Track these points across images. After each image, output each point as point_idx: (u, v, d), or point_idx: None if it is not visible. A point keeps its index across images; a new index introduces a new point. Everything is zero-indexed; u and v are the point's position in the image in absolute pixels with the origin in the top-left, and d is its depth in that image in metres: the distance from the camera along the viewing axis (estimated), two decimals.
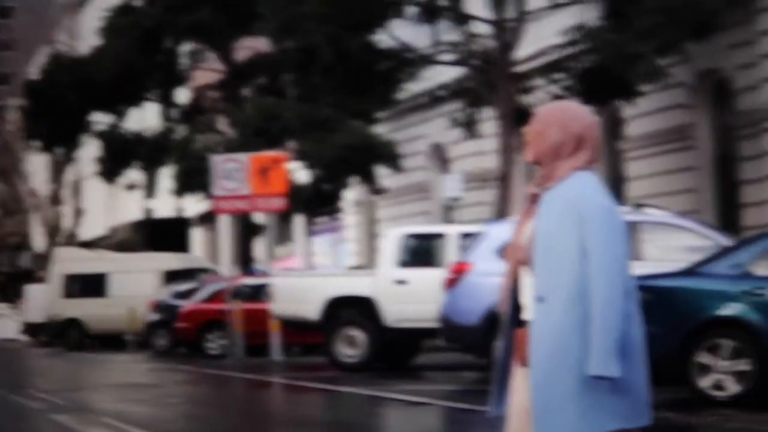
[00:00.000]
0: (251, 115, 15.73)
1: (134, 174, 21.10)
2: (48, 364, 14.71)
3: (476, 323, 7.82)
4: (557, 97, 10.78)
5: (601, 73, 11.48)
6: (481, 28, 12.60)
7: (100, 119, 20.08)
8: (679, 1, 10.62)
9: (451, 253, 9.53)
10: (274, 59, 15.73)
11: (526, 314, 2.51)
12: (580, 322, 2.40)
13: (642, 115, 12.85)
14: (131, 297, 16.52)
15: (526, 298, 2.53)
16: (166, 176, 19.42)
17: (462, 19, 12.70)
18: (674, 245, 7.73)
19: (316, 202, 16.74)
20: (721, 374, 6.20)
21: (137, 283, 17.00)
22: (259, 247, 18.55)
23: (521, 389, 2.51)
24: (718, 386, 6.18)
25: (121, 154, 19.27)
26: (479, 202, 14.83)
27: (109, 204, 27.81)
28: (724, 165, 12.24)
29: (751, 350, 6.17)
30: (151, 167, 20.23)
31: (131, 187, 21.75)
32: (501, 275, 2.64)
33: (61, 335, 18.15)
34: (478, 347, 7.90)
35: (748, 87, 11.43)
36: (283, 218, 17.25)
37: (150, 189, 23.28)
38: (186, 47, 19.38)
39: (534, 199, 2.53)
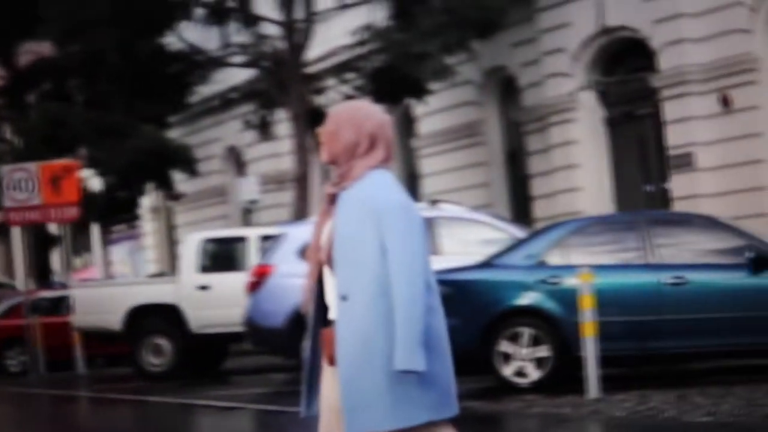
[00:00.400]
0: (37, 122, 15.08)
1: None
2: None
3: (282, 325, 7.82)
4: (349, 97, 10.91)
5: (391, 73, 11.69)
6: (270, 30, 12.54)
7: None
8: (463, 0, 10.95)
9: (251, 256, 9.53)
10: (59, 64, 15.09)
11: (332, 313, 2.53)
12: (384, 318, 2.43)
13: (433, 112, 13.15)
14: None
15: (330, 298, 2.55)
16: None
17: (251, 20, 12.60)
18: (470, 239, 8.00)
19: (112, 210, 16.33)
20: (522, 362, 6.45)
21: None
22: (56, 258, 18.03)
23: (331, 388, 2.52)
24: (520, 373, 6.43)
25: None
26: (277, 204, 14.80)
27: None
28: (513, 159, 12.71)
29: (549, 337, 6.45)
30: None
31: None
32: (304, 276, 2.65)
33: None
34: (285, 349, 7.91)
35: (533, 83, 11.91)
36: (79, 228, 16.66)
37: None
38: None
39: (331, 199, 2.54)
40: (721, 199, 9.77)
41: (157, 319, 9.86)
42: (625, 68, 11.16)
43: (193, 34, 13.36)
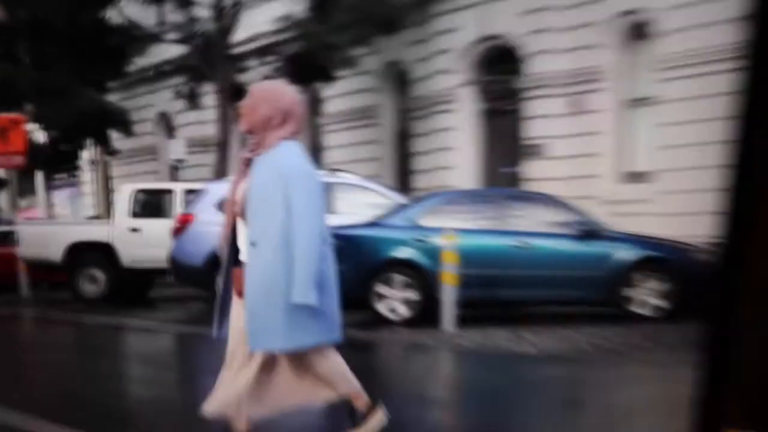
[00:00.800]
0: None
1: None
2: None
3: (200, 264, 7.76)
4: (268, 77, 10.74)
5: (305, 59, 11.54)
6: (202, 12, 12.21)
7: None
8: (372, 1, 10.88)
9: (177, 206, 9.41)
10: (8, 27, 14.23)
11: (242, 256, 2.55)
12: (286, 262, 2.49)
13: (338, 95, 13.05)
14: None
15: (242, 244, 2.58)
16: None
17: (185, 2, 12.23)
18: (362, 202, 8.03)
19: (55, 161, 15.75)
20: (394, 301, 6.57)
21: None
22: (3, 199, 17.45)
23: (238, 315, 2.57)
24: (392, 310, 6.55)
25: None
26: (201, 164, 14.51)
27: None
28: (402, 139, 12.74)
29: (417, 284, 6.57)
30: None
31: None
32: (220, 225, 2.67)
33: None
34: (202, 283, 7.85)
35: (423, 77, 11.89)
36: (24, 174, 15.99)
37: None
38: None
39: (247, 163, 2.58)
40: (563, 182, 10.03)
41: (93, 254, 9.65)
42: (499, 70, 11.28)
43: (132, 10, 12.88)
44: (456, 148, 11.30)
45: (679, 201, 9.07)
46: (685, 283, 6.49)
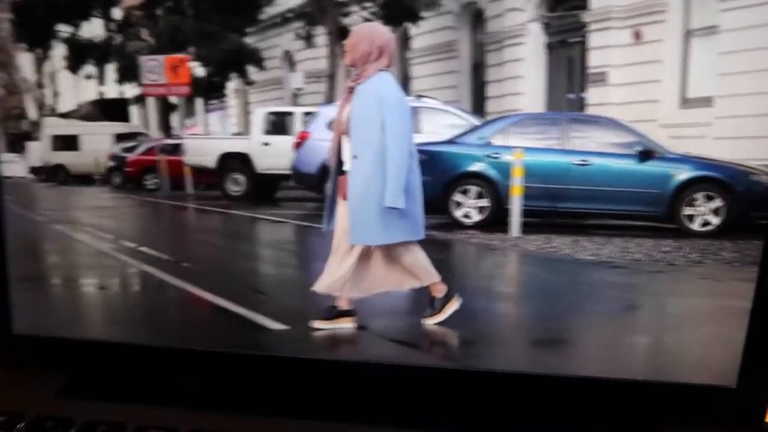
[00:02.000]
0: (163, 28, 16.16)
1: (90, 68, 21.84)
2: (46, 193, 15.18)
3: (314, 172, 8.19)
4: (366, 20, 10.79)
5: (396, 3, 11.60)
6: None
7: (63, 29, 20.03)
8: None
9: (297, 125, 10.05)
10: None
11: (346, 167, 2.69)
12: (381, 172, 2.60)
13: (423, 33, 12.88)
14: (95, 150, 17.88)
15: (346, 156, 2.70)
16: (111, 70, 19.78)
17: None
18: (442, 123, 8.05)
19: (210, 90, 17.70)
20: (469, 209, 6.66)
21: (98, 141, 18.39)
22: (175, 119, 19.32)
23: (342, 214, 2.73)
24: (467, 216, 6.65)
25: (79, 54, 19.86)
26: (315, 92, 15.09)
27: (75, 88, 27.89)
28: (477, 70, 12.55)
29: (488, 193, 6.63)
30: (100, 63, 21.05)
31: (89, 77, 22.60)
32: (329, 141, 2.80)
33: (54, 175, 19.65)
34: (316, 187, 8.29)
35: (495, 15, 11.62)
36: (189, 101, 17.94)
37: (101, 78, 23.80)
38: None
39: (350, 90, 2.68)
40: (625, 107, 9.76)
41: (236, 161, 10.60)
42: (565, 6, 10.86)
43: None
44: (525, 76, 11.09)
45: (738, 126, 8.65)
46: (742, 203, 6.25)
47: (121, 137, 20.06)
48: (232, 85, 19.78)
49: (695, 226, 6.41)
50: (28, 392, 1.36)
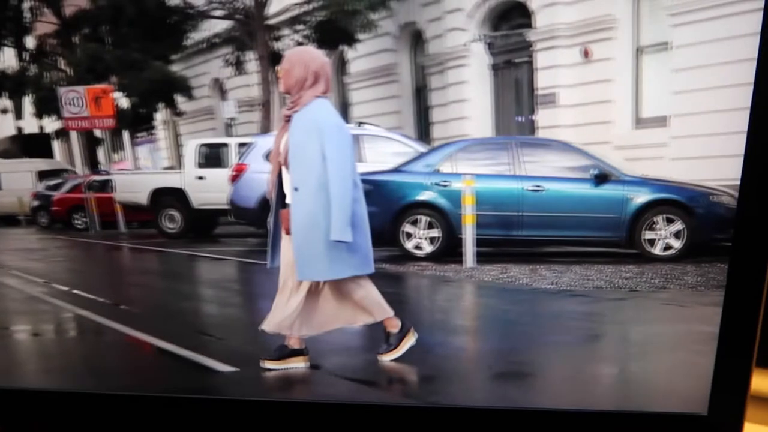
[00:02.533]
0: (81, 57, 16.26)
1: (5, 101, 21.60)
2: None
3: (254, 206, 8.30)
4: (299, 43, 10.90)
5: (330, 25, 11.64)
6: None
7: None
8: None
9: (232, 157, 10.19)
10: (93, 14, 15.84)
11: (288, 199, 2.72)
12: (324, 204, 2.65)
13: (360, 56, 12.95)
14: (18, 189, 17.64)
15: (287, 188, 2.74)
16: (28, 103, 19.61)
17: None
18: (386, 151, 8.15)
19: (136, 122, 17.91)
20: (419, 239, 6.72)
21: (20, 180, 18.20)
22: (101, 153, 19.38)
23: (287, 249, 2.76)
24: (418, 247, 6.70)
25: None
26: (249, 121, 15.18)
27: None
28: (419, 94, 12.68)
29: (439, 223, 6.71)
30: (16, 96, 20.84)
31: (4, 111, 22.44)
32: (268, 172, 2.83)
33: None
34: (256, 222, 8.40)
35: (436, 35, 11.76)
36: (115, 133, 18.16)
37: (18, 112, 23.70)
38: (27, 4, 18.97)
39: (287, 119, 2.73)
40: (576, 129, 9.93)
41: (170, 197, 10.65)
42: (509, 25, 11.12)
43: None
44: (470, 99, 11.26)
45: (695, 145, 8.90)
46: (704, 225, 6.40)
47: (44, 174, 20.31)
48: (160, 116, 19.99)
49: (657, 250, 6.58)
50: None
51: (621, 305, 4.54)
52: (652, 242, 6.35)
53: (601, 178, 6.50)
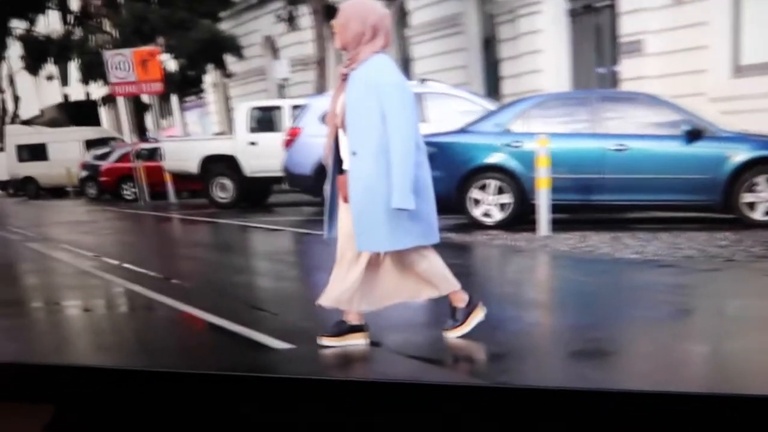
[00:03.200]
0: (127, 18, 16.88)
1: (50, 67, 22.76)
2: (17, 209, 15.89)
3: (309, 172, 8.44)
4: None
5: None
6: None
7: (18, 25, 21.03)
8: None
9: (286, 120, 10.33)
10: None
11: (345, 165, 2.75)
12: (385, 169, 2.67)
13: (423, 6, 12.98)
14: (66, 160, 18.63)
15: (344, 153, 2.77)
16: (74, 68, 20.99)
17: None
18: (451, 110, 8.15)
19: (185, 85, 18.41)
20: (488, 206, 6.74)
21: (68, 149, 19.16)
22: (149, 120, 20.28)
23: (345, 219, 2.80)
24: (487, 214, 6.73)
25: (37, 53, 20.59)
26: (303, 81, 15.41)
27: (37, 91, 29.19)
28: (488, 46, 12.61)
29: (510, 188, 6.70)
30: (61, 61, 21.84)
31: (50, 77, 23.39)
32: (324, 136, 2.87)
33: (23, 188, 20.60)
34: (312, 190, 8.58)
35: None
36: (163, 98, 18.85)
37: (64, 78, 25.55)
38: None
39: (344, 77, 2.75)
40: (665, 80, 9.69)
41: (221, 165, 10.95)
42: None
43: None
44: (544, 50, 11.10)
45: None
46: None
47: (92, 143, 20.94)
48: (210, 78, 20.46)
49: (757, 215, 6.36)
50: (9, 429, 1.43)
51: (715, 277, 4.38)
52: (752, 206, 6.27)
53: (694, 135, 6.36)
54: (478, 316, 2.91)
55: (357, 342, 2.83)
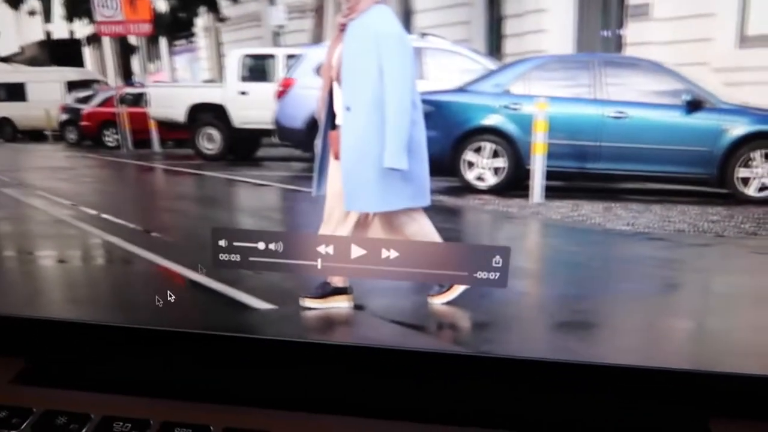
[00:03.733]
0: None
1: (33, 1, 22.39)
2: None
3: (301, 126, 8.34)
4: None
5: None
6: None
7: None
8: None
9: (279, 70, 10.21)
10: None
11: (339, 120, 2.71)
12: (378, 126, 2.63)
13: None
14: (45, 101, 18.35)
15: (338, 107, 2.73)
16: (58, 4, 20.20)
17: None
18: (451, 67, 8.07)
19: (175, 28, 18.33)
20: (482, 169, 6.71)
21: (48, 90, 18.91)
22: (135, 63, 19.95)
23: (335, 176, 2.77)
24: (480, 178, 6.70)
25: None
26: (300, 30, 15.14)
27: (17, 27, 28.91)
28: (491, 2, 12.43)
29: (506, 152, 6.68)
30: None
31: (32, 13, 23.25)
32: (318, 89, 2.82)
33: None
34: (303, 144, 8.50)
35: None
36: (151, 41, 18.59)
37: (47, 14, 24.59)
38: None
39: (342, 27, 2.69)
40: (670, 47, 9.59)
41: (209, 114, 10.88)
42: None
43: None
44: (548, 10, 10.97)
45: None
46: None
47: (74, 85, 21.07)
48: (201, 21, 20.27)
49: (750, 190, 6.35)
50: None
51: (704, 252, 4.44)
52: (745, 181, 6.06)
53: (694, 105, 6.31)
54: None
55: (340, 305, 2.83)
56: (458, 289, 2.85)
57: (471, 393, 1.52)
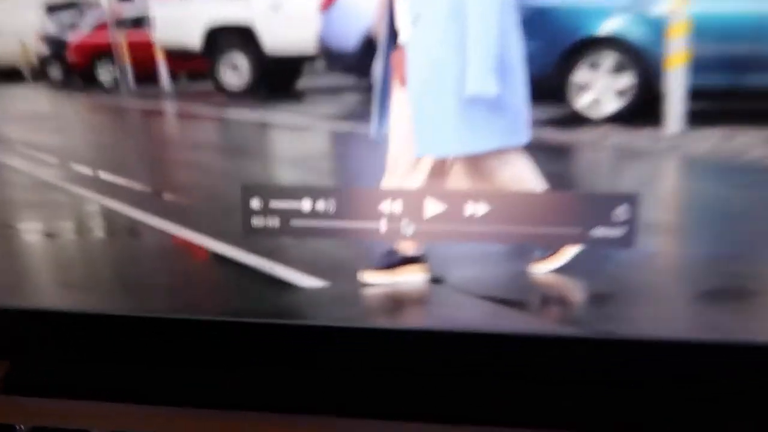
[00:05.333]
0: None
1: None
2: None
3: (353, 47, 8.31)
4: None
5: None
6: None
7: None
8: None
9: None
10: None
11: (403, 36, 2.71)
12: (457, 40, 2.61)
13: None
14: (19, 31, 19.23)
15: (402, 20, 2.72)
16: None
17: None
18: None
19: None
20: (600, 92, 6.62)
21: (23, 16, 19.85)
22: None
23: (400, 111, 2.77)
24: (596, 103, 6.62)
25: None
26: None
27: None
28: None
29: (631, 67, 6.57)
30: None
31: None
32: None
33: None
34: (357, 70, 8.46)
35: None
36: None
37: None
38: None
39: None
40: None
41: (233, 38, 11.00)
42: None
43: None
44: None
45: None
46: None
47: (55, 8, 21.99)
48: None
49: None
50: None
51: None
52: None
53: None
54: (575, 245, 2.89)
55: (412, 278, 2.85)
56: (568, 253, 2.84)
57: (589, 387, 1.52)
